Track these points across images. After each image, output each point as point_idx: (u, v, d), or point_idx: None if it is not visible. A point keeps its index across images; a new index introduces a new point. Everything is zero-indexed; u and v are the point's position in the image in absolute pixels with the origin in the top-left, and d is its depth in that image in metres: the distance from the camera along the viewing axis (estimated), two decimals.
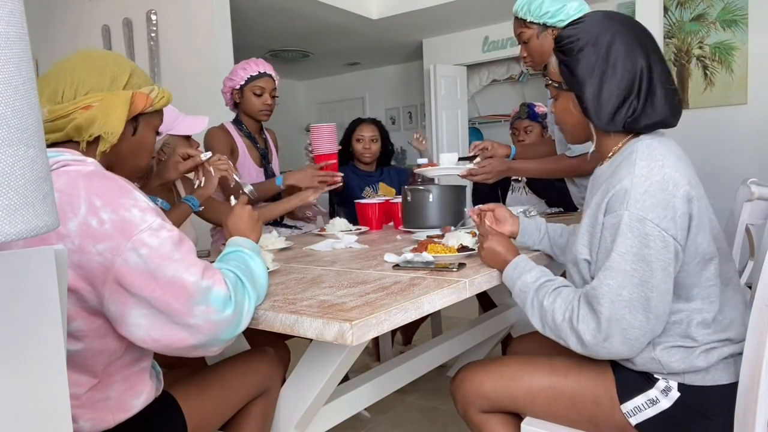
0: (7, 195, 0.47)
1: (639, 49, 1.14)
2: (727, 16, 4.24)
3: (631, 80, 1.13)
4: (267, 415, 1.28)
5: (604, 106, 1.15)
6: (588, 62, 1.15)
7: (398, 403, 2.47)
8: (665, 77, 1.15)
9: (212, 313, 0.94)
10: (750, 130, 4.23)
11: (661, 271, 1.05)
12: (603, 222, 1.10)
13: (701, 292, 1.11)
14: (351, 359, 1.24)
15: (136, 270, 0.90)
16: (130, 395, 1.02)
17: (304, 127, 8.11)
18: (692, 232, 1.08)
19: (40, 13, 4.29)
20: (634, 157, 1.11)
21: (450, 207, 1.98)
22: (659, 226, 1.04)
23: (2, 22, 0.48)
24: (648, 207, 1.05)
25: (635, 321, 1.05)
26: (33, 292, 0.61)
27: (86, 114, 1.03)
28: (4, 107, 0.48)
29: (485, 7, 4.85)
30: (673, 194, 1.06)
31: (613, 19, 1.18)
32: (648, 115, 1.14)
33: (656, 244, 1.04)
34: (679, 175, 1.08)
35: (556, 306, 1.14)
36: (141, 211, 0.93)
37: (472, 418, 1.30)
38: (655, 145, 1.13)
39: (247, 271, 1.07)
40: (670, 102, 1.15)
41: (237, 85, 2.30)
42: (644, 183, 1.06)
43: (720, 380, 1.10)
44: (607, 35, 1.14)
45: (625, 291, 1.05)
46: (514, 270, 1.25)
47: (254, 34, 5.30)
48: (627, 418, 1.14)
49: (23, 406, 0.61)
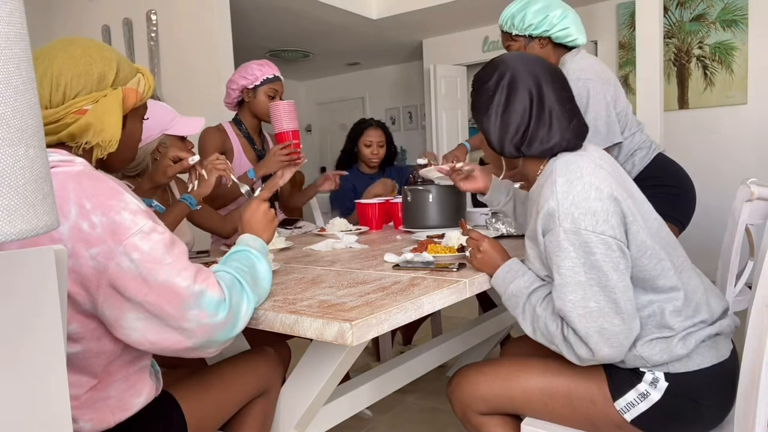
0: (7, 195, 0.47)
1: (531, 80, 1.23)
2: (727, 16, 4.24)
3: (522, 110, 1.23)
4: (267, 415, 1.28)
5: (500, 134, 1.25)
6: (486, 97, 1.27)
7: (398, 403, 2.47)
8: (559, 104, 1.23)
9: (205, 317, 0.93)
10: (750, 130, 4.23)
11: (613, 271, 1.08)
12: (543, 242, 1.15)
13: (665, 282, 1.14)
14: (351, 359, 1.24)
15: (128, 274, 0.89)
16: (130, 394, 1.02)
17: (304, 127, 8.12)
18: (632, 228, 1.12)
19: (40, 13, 4.29)
20: (554, 176, 1.16)
21: (450, 207, 1.98)
22: (595, 232, 1.08)
23: (2, 22, 0.48)
24: (578, 218, 1.09)
25: (614, 327, 1.08)
26: (33, 293, 0.61)
27: (80, 121, 1.00)
28: (4, 107, 0.48)
29: (485, 7, 4.85)
30: (598, 198, 1.10)
31: (517, 57, 1.29)
32: (540, 140, 1.22)
33: (599, 248, 1.08)
34: (598, 180, 1.13)
35: (548, 314, 1.16)
36: (131, 213, 0.92)
37: (471, 421, 1.30)
38: (572, 159, 1.19)
39: (249, 272, 1.06)
40: (563, 126, 1.22)
41: (251, 84, 2.28)
42: (567, 197, 1.11)
43: (702, 364, 1.12)
44: (504, 70, 1.25)
45: (591, 302, 1.08)
46: (507, 273, 1.25)
47: (254, 34, 5.30)
48: (621, 414, 1.15)
49: (23, 407, 0.61)
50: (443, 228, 1.90)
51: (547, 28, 1.89)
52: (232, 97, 2.35)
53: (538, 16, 1.89)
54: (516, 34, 1.95)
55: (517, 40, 1.96)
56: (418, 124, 7.07)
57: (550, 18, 1.88)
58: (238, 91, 2.32)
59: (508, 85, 1.24)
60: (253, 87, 2.28)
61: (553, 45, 1.94)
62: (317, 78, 7.92)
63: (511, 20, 1.94)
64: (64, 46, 1.03)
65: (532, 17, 1.89)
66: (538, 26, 1.89)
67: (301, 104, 8.09)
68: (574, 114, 1.26)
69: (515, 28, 1.93)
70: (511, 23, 1.94)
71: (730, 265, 1.58)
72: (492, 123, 1.26)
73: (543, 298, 1.18)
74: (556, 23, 1.88)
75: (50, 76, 0.99)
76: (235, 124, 2.37)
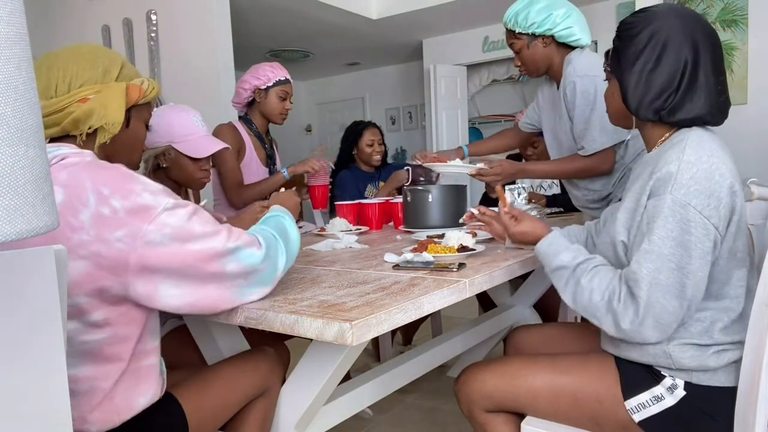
0: (7, 195, 0.47)
1: (688, 45, 1.14)
2: (727, 16, 4.24)
3: (672, 73, 1.14)
4: (267, 415, 1.28)
5: (641, 95, 1.17)
6: (634, 49, 1.17)
7: (398, 403, 2.47)
8: (714, 76, 1.15)
9: (244, 268, 1.01)
10: (750, 130, 4.23)
11: (699, 258, 1.05)
12: (646, 205, 1.11)
13: (731, 291, 1.12)
14: (351, 359, 1.24)
15: (163, 249, 0.93)
16: (136, 393, 1.02)
17: (304, 127, 8.12)
18: (732, 226, 1.09)
19: (40, 13, 4.28)
20: (684, 145, 1.11)
21: (450, 207, 1.98)
22: (702, 214, 1.05)
23: (2, 22, 0.48)
24: (692, 193, 1.05)
25: (669, 306, 1.05)
26: (33, 292, 0.61)
27: (83, 107, 1.03)
28: (4, 107, 0.48)
29: (485, 7, 4.84)
30: (719, 184, 1.06)
31: (674, 12, 1.18)
32: (685, 110, 1.14)
33: (697, 231, 1.04)
34: (726, 168, 1.08)
35: (594, 285, 1.14)
36: (152, 194, 0.96)
37: (476, 418, 1.30)
38: (706, 137, 1.13)
39: (283, 232, 1.14)
40: (712, 100, 1.15)
41: (264, 85, 2.33)
42: (691, 169, 1.07)
43: (726, 382, 1.10)
44: (658, 26, 1.16)
45: (662, 275, 1.05)
46: (549, 246, 1.25)
47: (254, 34, 5.30)
48: (630, 414, 1.14)
49: (23, 406, 0.61)
50: (444, 228, 1.90)
51: (550, 27, 1.88)
52: (243, 96, 2.38)
53: (541, 15, 1.88)
54: (519, 32, 1.94)
55: (520, 38, 1.96)
56: (418, 124, 7.07)
57: (554, 17, 1.88)
58: (250, 91, 2.36)
59: (662, 43, 1.14)
60: (266, 88, 2.33)
61: (557, 44, 1.93)
62: (317, 78, 7.92)
63: (514, 18, 1.93)
64: (71, 47, 1.09)
65: (535, 15, 1.89)
66: (541, 24, 1.89)
67: (300, 104, 8.10)
68: (725, 88, 1.18)
69: (519, 26, 1.93)
70: (515, 21, 1.93)
71: None
72: (634, 80, 1.17)
73: (588, 270, 1.17)
74: (559, 22, 1.88)
75: (56, 68, 1.04)
76: (245, 123, 2.40)
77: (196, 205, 1.02)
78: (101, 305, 0.96)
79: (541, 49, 1.94)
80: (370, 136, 2.89)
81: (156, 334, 1.08)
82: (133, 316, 1.00)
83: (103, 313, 0.96)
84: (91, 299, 0.95)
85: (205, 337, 1.42)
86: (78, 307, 0.94)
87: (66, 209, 0.92)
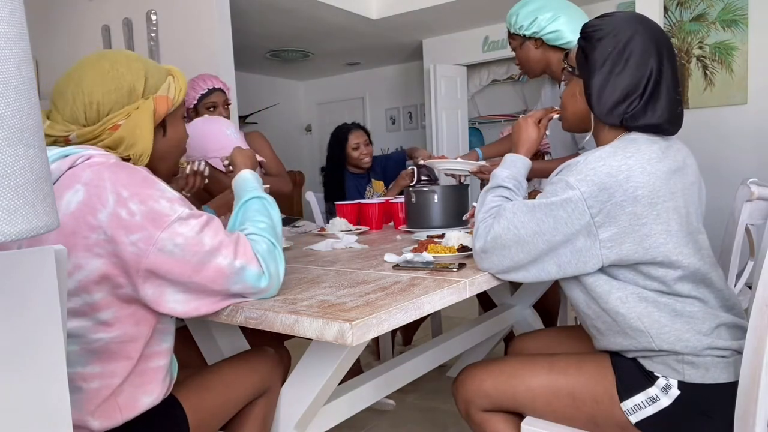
0: (7, 195, 0.47)
1: (654, 52, 1.15)
2: (727, 16, 4.24)
3: (639, 78, 1.14)
4: (267, 415, 1.28)
5: (607, 96, 1.17)
6: (603, 51, 1.17)
7: (398, 403, 2.47)
8: (673, 86, 1.17)
9: (248, 289, 1.04)
10: (750, 129, 4.23)
11: (561, 235, 1.10)
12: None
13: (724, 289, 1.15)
14: (351, 359, 1.24)
15: (171, 259, 0.95)
16: (141, 392, 1.03)
17: (304, 127, 8.12)
18: (651, 228, 1.08)
19: (40, 13, 4.28)
20: (614, 145, 1.13)
21: (454, 207, 1.98)
22: (585, 200, 1.07)
23: (2, 22, 0.48)
24: (586, 181, 1.08)
25: (516, 257, 1.15)
26: (33, 292, 0.61)
27: (114, 135, 1.05)
28: (4, 107, 0.48)
29: (485, 7, 4.84)
30: (619, 183, 1.06)
31: (639, 20, 1.20)
32: (647, 117, 1.15)
33: (573, 211, 1.08)
34: (640, 173, 1.08)
35: (487, 201, 1.27)
36: (169, 201, 0.97)
37: (474, 417, 1.30)
38: (641, 140, 1.14)
39: (272, 226, 1.15)
40: (671, 110, 1.16)
41: (190, 105, 2.29)
42: (597, 162, 1.09)
43: (719, 379, 1.10)
44: (628, 31, 1.16)
45: (523, 230, 1.13)
46: (508, 161, 1.39)
47: (254, 34, 5.30)
48: (627, 416, 1.14)
49: (23, 406, 0.61)
50: (448, 228, 1.90)
51: (536, 30, 1.90)
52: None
53: (528, 18, 1.90)
54: (513, 32, 1.97)
55: (514, 38, 1.99)
56: (418, 124, 7.07)
57: (539, 20, 1.89)
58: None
59: (631, 48, 1.15)
60: (194, 107, 2.31)
61: (548, 46, 1.94)
62: (317, 78, 7.92)
63: (509, 19, 1.96)
64: (92, 63, 1.08)
65: (522, 18, 1.91)
66: (528, 27, 1.91)
67: (300, 104, 8.10)
68: (681, 101, 1.20)
69: (512, 27, 1.96)
70: (510, 22, 1.97)
71: (730, 265, 1.58)
72: (599, 82, 1.17)
73: (498, 195, 1.29)
74: (545, 26, 1.88)
75: (82, 96, 1.04)
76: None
77: (210, 216, 1.03)
78: (113, 303, 0.97)
79: (534, 51, 1.96)
80: (354, 139, 2.86)
81: (167, 335, 1.08)
82: (142, 317, 1.01)
83: (114, 312, 0.97)
84: (106, 296, 0.96)
85: (206, 337, 1.42)
86: (92, 305, 0.96)
87: (86, 207, 0.93)
